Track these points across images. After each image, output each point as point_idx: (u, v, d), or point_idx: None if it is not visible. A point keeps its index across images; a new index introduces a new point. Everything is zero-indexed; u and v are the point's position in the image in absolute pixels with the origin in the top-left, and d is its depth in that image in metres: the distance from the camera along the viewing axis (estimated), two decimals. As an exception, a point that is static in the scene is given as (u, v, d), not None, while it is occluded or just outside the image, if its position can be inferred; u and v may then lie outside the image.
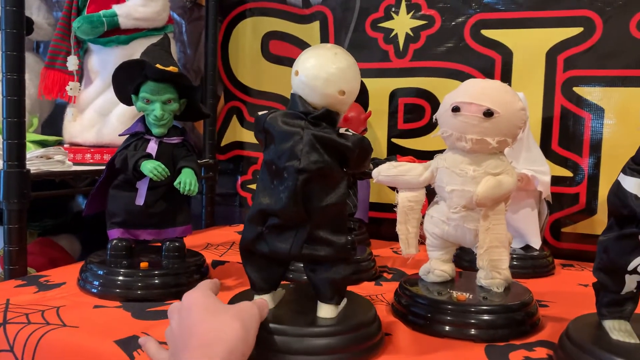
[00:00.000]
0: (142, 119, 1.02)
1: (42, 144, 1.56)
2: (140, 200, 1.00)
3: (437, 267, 0.95)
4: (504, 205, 0.90)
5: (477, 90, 0.88)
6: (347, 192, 0.72)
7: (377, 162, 1.16)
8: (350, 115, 1.12)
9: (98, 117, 1.49)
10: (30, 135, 1.55)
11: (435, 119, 0.94)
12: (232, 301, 0.76)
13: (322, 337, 0.70)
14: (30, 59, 1.75)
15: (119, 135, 1.04)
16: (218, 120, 1.77)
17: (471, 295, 0.87)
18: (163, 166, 0.96)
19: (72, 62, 1.46)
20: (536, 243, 1.25)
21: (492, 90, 0.88)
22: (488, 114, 0.85)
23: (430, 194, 0.96)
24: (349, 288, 1.03)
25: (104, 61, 1.50)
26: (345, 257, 0.73)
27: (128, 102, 1.04)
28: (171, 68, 0.98)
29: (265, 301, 0.72)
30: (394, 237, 1.40)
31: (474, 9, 1.48)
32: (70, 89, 1.45)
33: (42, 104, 1.73)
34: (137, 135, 1.01)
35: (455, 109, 0.87)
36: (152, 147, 1.00)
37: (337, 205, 0.71)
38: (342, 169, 0.72)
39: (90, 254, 1.06)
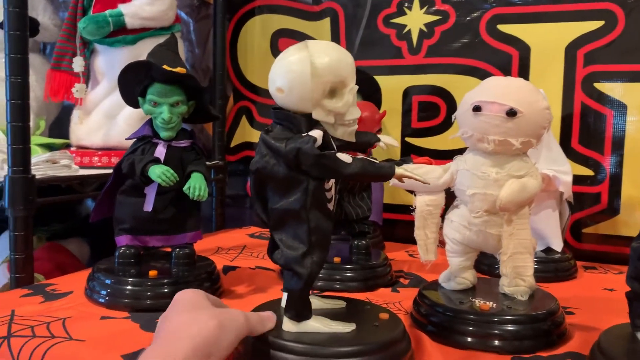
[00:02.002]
0: (150, 122, 0.99)
1: (49, 147, 1.54)
2: (148, 207, 0.97)
3: (458, 274, 0.91)
4: (528, 209, 0.86)
5: (499, 89, 0.84)
6: (305, 200, 0.66)
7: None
8: (364, 115, 1.07)
9: (105, 120, 1.47)
10: (37, 139, 1.53)
11: (455, 119, 0.90)
12: (257, 309, 0.73)
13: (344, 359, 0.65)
14: (36, 60, 1.74)
15: (126, 139, 1.01)
16: (227, 120, 1.73)
17: (494, 304, 0.83)
18: (172, 171, 0.93)
19: (78, 64, 1.43)
20: (558, 245, 1.21)
21: (515, 88, 0.84)
22: (511, 113, 0.81)
23: (449, 196, 0.92)
24: (367, 294, 1.02)
25: (110, 62, 1.47)
26: (295, 271, 0.67)
27: (135, 104, 1.00)
28: (179, 69, 0.95)
29: (272, 316, 0.69)
30: (409, 240, 1.36)
31: (489, 4, 1.43)
32: (77, 90, 1.42)
33: (49, 106, 1.70)
34: (145, 139, 0.98)
35: (476, 109, 0.83)
36: (160, 151, 0.97)
37: (289, 211, 0.66)
38: (299, 174, 0.66)
39: (99, 257, 1.03)
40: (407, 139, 1.54)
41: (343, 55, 0.67)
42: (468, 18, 1.45)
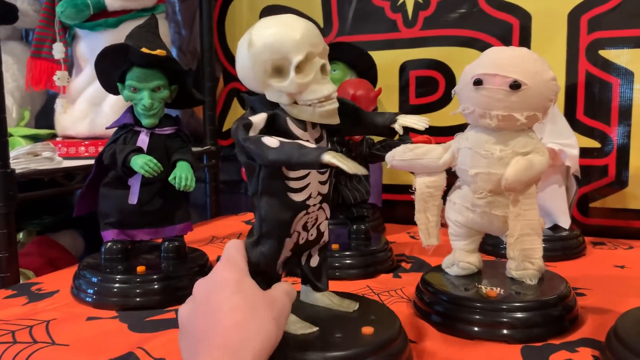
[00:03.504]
0: (131, 109, 0.94)
1: (34, 138, 1.49)
2: (133, 199, 0.92)
3: (462, 259, 0.86)
4: (535, 187, 0.81)
5: (502, 60, 0.78)
6: (257, 187, 0.63)
7: (390, 144, 1.08)
8: (359, 94, 1.02)
9: (90, 107, 1.41)
10: (21, 130, 1.48)
11: (455, 94, 0.84)
12: None
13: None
14: (17, 48, 1.68)
15: (106, 128, 0.96)
16: (218, 103, 1.67)
17: (502, 290, 0.78)
18: (155, 161, 0.87)
19: (58, 50, 1.37)
20: (565, 222, 1.16)
21: (519, 59, 0.78)
22: (515, 86, 0.75)
23: (451, 176, 0.87)
24: (368, 282, 0.97)
25: (92, 47, 1.41)
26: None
27: (115, 91, 0.95)
28: (158, 52, 0.89)
29: (292, 287, 0.63)
30: (410, 221, 1.31)
31: (487, -29, 1.36)
32: (58, 78, 1.36)
33: (33, 96, 1.64)
34: (126, 128, 0.93)
35: (477, 82, 0.77)
36: (143, 140, 0.91)
37: (250, 198, 0.65)
38: (250, 160, 0.62)
39: (94, 250, 0.99)
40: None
41: (285, 29, 0.60)
42: (465, -13, 1.39)
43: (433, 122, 1.41)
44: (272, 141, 0.58)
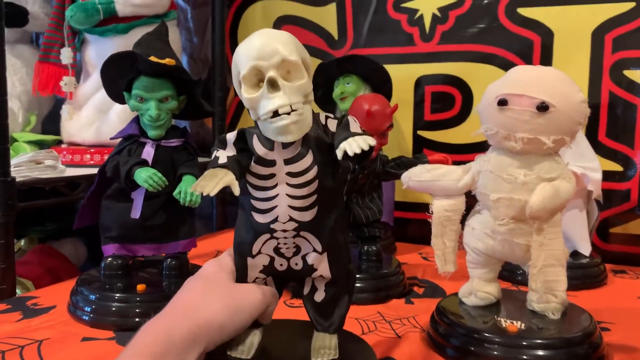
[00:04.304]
0: (137, 120, 0.90)
1: (39, 144, 1.46)
2: (136, 213, 0.88)
3: (480, 288, 0.81)
4: (560, 215, 0.76)
5: (529, 80, 0.74)
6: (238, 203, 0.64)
7: (404, 162, 1.03)
8: (374, 110, 0.97)
9: (97, 114, 1.38)
10: (26, 135, 1.45)
11: (476, 112, 0.80)
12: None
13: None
14: (27, 51, 1.66)
15: (110, 138, 0.92)
16: (228, 113, 1.64)
17: (522, 324, 0.73)
18: (160, 175, 0.83)
19: (66, 55, 1.34)
20: (585, 249, 1.11)
21: (547, 79, 0.73)
22: (542, 108, 0.71)
23: (470, 199, 0.83)
24: (379, 307, 0.92)
25: (101, 53, 1.38)
26: None
27: (121, 100, 0.91)
28: (167, 60, 0.85)
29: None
30: (422, 240, 1.26)
31: (509, -15, 1.32)
32: (65, 84, 1.33)
33: (40, 100, 1.61)
34: (131, 139, 0.89)
35: (502, 102, 0.73)
36: (148, 152, 0.88)
37: None
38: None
39: (97, 259, 0.95)
40: (419, 132, 1.43)
41: (244, 42, 0.60)
42: (485, 1, 1.35)
43: (449, 139, 1.41)
44: (217, 154, 0.61)
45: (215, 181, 0.56)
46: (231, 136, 0.63)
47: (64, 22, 1.36)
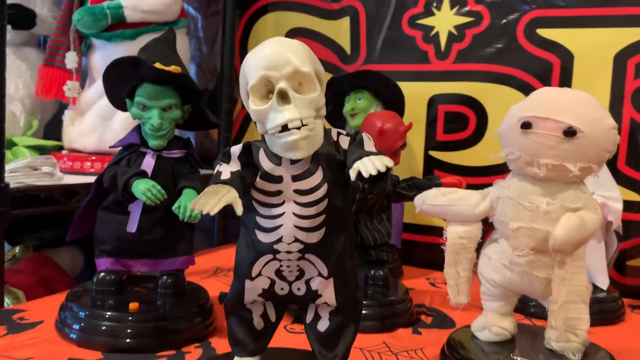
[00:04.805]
0: (138, 128, 0.86)
1: (39, 149, 1.42)
2: (132, 227, 0.83)
3: (495, 323, 0.76)
4: (584, 248, 0.71)
5: (555, 102, 0.70)
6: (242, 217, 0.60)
7: (416, 183, 0.99)
8: (387, 127, 0.93)
9: (100, 121, 1.33)
10: (26, 140, 1.41)
11: (497, 136, 0.76)
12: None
13: None
14: (33, 54, 1.62)
15: (110, 147, 0.88)
16: (234, 126, 1.59)
17: (541, 365, 0.68)
18: (159, 187, 0.79)
19: (71, 59, 1.30)
20: (603, 283, 1.05)
21: (575, 102, 0.69)
22: (569, 133, 0.66)
23: (487, 226, 0.78)
24: (385, 337, 0.87)
25: (108, 58, 1.30)
26: None
27: (123, 107, 0.87)
28: (173, 68, 0.81)
29: None
30: (430, 264, 1.21)
31: (529, 5, 1.28)
32: (68, 89, 1.29)
33: (44, 104, 1.57)
34: (131, 148, 0.85)
35: (526, 125, 0.69)
36: (148, 163, 0.83)
37: None
38: None
39: (93, 266, 0.90)
40: (430, 152, 1.39)
41: (253, 51, 0.57)
42: (504, 21, 1.31)
43: (461, 161, 1.36)
44: (221, 169, 0.57)
45: (216, 199, 0.51)
46: (236, 149, 0.60)
47: (70, 25, 1.32)
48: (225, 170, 0.56)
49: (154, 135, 0.82)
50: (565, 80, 1.26)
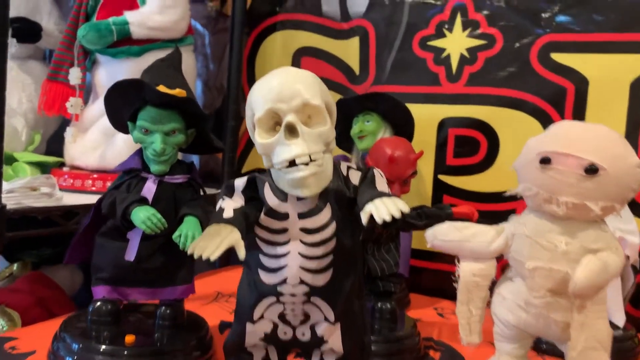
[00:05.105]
0: (140, 152, 0.83)
1: (41, 165, 1.39)
2: (130, 255, 0.80)
3: (509, 367, 0.72)
4: (605, 291, 0.67)
5: (576, 137, 0.66)
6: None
7: (426, 212, 0.95)
8: (397, 155, 0.90)
9: (102, 138, 1.31)
10: (27, 155, 1.38)
11: (513, 169, 0.72)
12: None
13: None
14: (38, 68, 1.60)
15: (110, 171, 0.84)
16: (239, 145, 1.57)
17: (558, 415, 0.64)
18: (159, 216, 0.76)
19: (74, 75, 1.28)
20: (619, 320, 1.01)
21: (597, 137, 0.66)
22: (591, 170, 0.63)
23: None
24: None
25: (112, 75, 1.32)
26: None
27: (125, 129, 0.84)
28: (177, 91, 0.78)
29: None
30: (438, 292, 1.18)
31: (543, 29, 1.26)
32: (71, 105, 1.27)
33: (47, 118, 1.55)
34: (132, 173, 0.82)
35: (545, 161, 0.66)
36: (149, 189, 0.80)
37: None
38: None
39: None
40: (440, 176, 1.35)
41: (260, 82, 0.56)
42: (517, 44, 1.28)
43: (471, 186, 1.32)
44: (223, 204, 0.55)
45: (217, 241, 0.48)
46: (240, 183, 0.57)
47: (75, 41, 1.30)
48: (228, 206, 0.53)
49: (156, 160, 0.79)
50: (580, 107, 1.23)
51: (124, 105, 0.81)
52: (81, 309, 0.89)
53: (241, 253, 0.50)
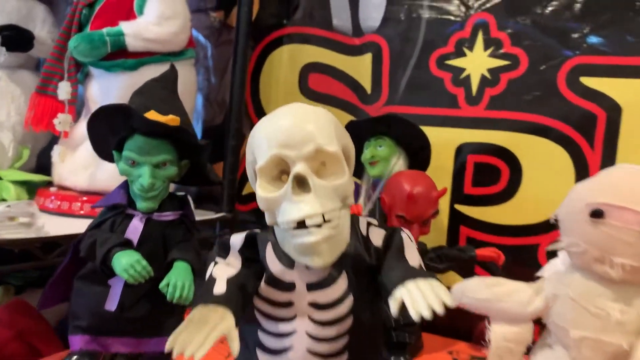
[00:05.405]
0: (126, 185, 0.73)
1: (26, 184, 1.30)
2: (111, 305, 0.70)
3: None
4: (666, 370, 0.57)
5: (634, 187, 0.56)
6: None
7: (446, 254, 0.85)
8: (416, 192, 0.80)
9: (93, 157, 1.17)
10: (12, 174, 1.29)
11: (555, 220, 0.63)
12: None
13: None
14: (29, 78, 1.52)
15: (92, 207, 0.75)
16: (240, 165, 1.47)
17: None
18: (144, 263, 0.66)
19: (63, 90, 1.19)
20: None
21: (661, 189, 0.56)
22: (654, 228, 0.53)
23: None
24: None
25: (106, 89, 1.23)
26: None
27: (110, 158, 0.75)
28: (170, 118, 0.69)
29: None
30: (452, 332, 1.08)
31: (572, 50, 1.16)
32: (59, 122, 1.18)
33: (36, 132, 1.46)
34: (117, 209, 0.72)
35: (597, 214, 0.56)
36: (136, 228, 0.71)
37: None
38: None
39: None
40: (456, 206, 1.25)
41: (265, 121, 0.46)
42: (543, 66, 1.18)
43: (491, 217, 1.21)
44: (215, 272, 0.45)
45: (204, 333, 0.38)
46: (237, 241, 0.47)
47: (66, 52, 1.21)
48: (221, 275, 0.43)
49: (144, 196, 0.69)
50: (611, 136, 1.12)
51: (109, 132, 0.71)
52: (65, 341, 0.79)
53: (234, 347, 0.40)
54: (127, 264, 0.64)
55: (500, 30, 1.22)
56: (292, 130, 0.43)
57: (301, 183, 0.43)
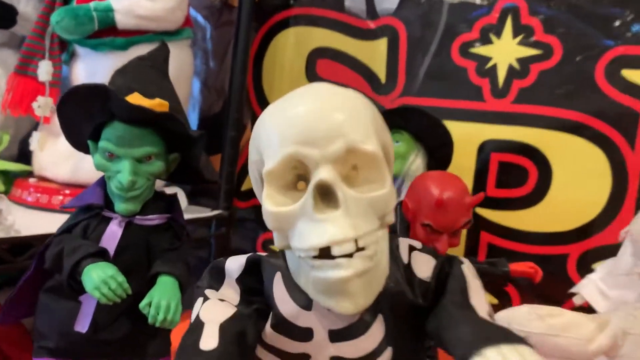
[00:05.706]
0: (104, 182, 0.61)
1: (5, 173, 1.18)
2: (82, 326, 0.59)
3: None
4: None
5: None
6: None
7: (480, 268, 0.73)
8: (446, 197, 0.67)
9: (77, 146, 1.09)
10: (-11, 161, 1.17)
11: (624, 237, 0.51)
12: None
13: None
14: (12, 58, 1.38)
15: (62, 207, 0.64)
16: (240, 158, 1.35)
17: None
18: (120, 279, 0.54)
19: (44, 70, 1.06)
20: None
21: None
22: None
23: None
24: None
25: (92, 71, 1.11)
26: None
27: (85, 149, 0.63)
28: (157, 102, 0.57)
29: None
30: None
31: (613, 40, 1.04)
32: (39, 106, 1.06)
33: (20, 117, 1.34)
34: (91, 211, 0.60)
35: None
36: (113, 234, 0.59)
37: None
38: None
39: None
40: (477, 209, 1.14)
41: (286, 103, 0.33)
42: (579, 57, 1.06)
43: (516, 223, 1.08)
44: (204, 314, 0.33)
45: None
46: (235, 266, 0.35)
47: (48, 28, 1.08)
48: (212, 319, 0.32)
49: (123, 196, 0.57)
50: (655, 135, 1.01)
51: (83, 118, 0.59)
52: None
53: None
54: (100, 280, 0.52)
55: (531, 16, 1.10)
56: (314, 121, 0.31)
57: (326, 194, 0.30)
